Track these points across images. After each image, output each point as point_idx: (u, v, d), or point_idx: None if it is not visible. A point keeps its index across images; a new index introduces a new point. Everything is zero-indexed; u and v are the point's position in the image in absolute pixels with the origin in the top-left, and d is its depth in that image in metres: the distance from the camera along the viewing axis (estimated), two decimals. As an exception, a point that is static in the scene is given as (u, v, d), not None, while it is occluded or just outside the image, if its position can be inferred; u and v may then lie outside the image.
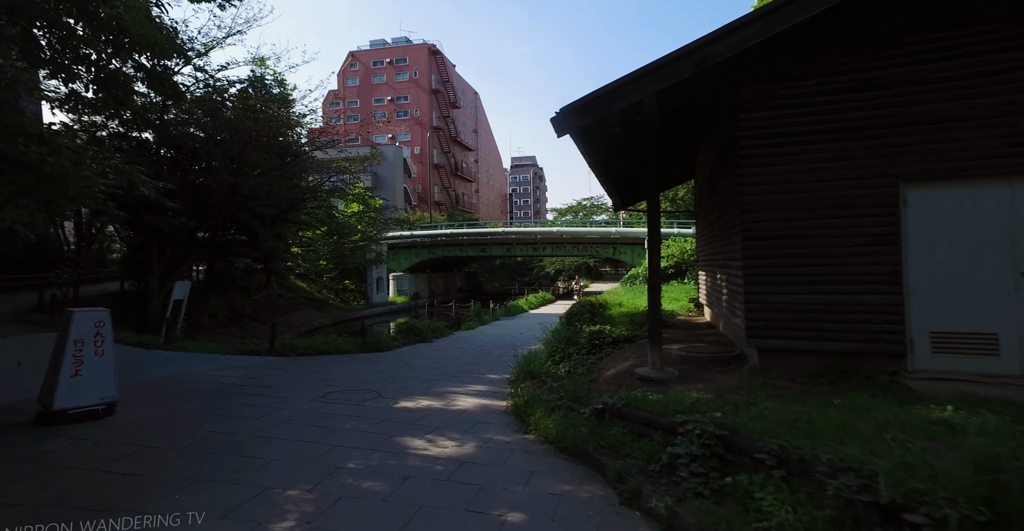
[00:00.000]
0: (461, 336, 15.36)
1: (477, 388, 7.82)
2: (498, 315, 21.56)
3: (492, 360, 10.70)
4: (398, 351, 11.83)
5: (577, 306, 11.56)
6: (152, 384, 7.32)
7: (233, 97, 16.32)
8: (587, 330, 8.96)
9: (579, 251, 33.42)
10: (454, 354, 11.47)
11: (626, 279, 28.78)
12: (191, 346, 10.49)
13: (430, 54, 66.41)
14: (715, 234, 8.69)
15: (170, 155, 15.79)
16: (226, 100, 15.79)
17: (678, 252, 25.33)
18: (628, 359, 7.37)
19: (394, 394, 7.11)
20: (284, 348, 10.56)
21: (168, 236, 14.72)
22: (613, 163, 8.75)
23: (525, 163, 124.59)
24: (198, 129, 15.93)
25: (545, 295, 30.58)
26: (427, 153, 64.79)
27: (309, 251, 29.24)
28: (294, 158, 15.81)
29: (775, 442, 3.11)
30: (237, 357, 10.02)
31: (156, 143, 15.05)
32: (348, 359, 10.34)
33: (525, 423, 5.76)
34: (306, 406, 6.28)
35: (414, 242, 34.95)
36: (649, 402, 4.84)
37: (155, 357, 9.50)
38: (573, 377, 7.09)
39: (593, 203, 60.80)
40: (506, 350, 12.18)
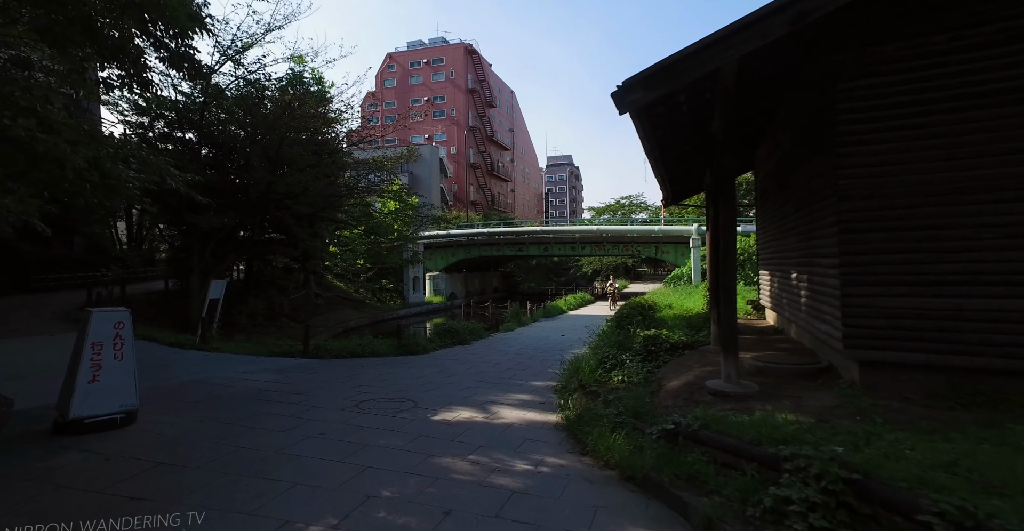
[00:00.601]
0: (500, 338, 14.74)
1: (521, 398, 7.15)
2: (537, 316, 20.85)
3: (535, 365, 10.02)
4: (435, 354, 11.29)
5: (627, 308, 10.73)
6: (180, 388, 6.96)
7: (271, 96, 16.26)
8: (641, 335, 8.16)
9: (619, 251, 32.30)
10: (494, 358, 10.84)
11: (670, 279, 27.56)
12: (226, 347, 10.24)
13: (467, 53, 66.29)
14: (787, 229, 7.74)
15: (211, 154, 15.81)
16: (264, 100, 15.69)
17: (727, 251, 24.05)
18: (691, 368, 6.55)
19: (432, 404, 6.51)
20: (318, 350, 10.18)
21: (208, 235, 14.70)
22: (673, 148, 7.91)
23: (561, 162, 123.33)
24: (238, 128, 15.91)
25: (584, 296, 29.68)
26: (463, 153, 64.68)
27: (347, 250, 29.29)
28: (331, 155, 15.56)
29: (948, 500, 2.28)
30: (270, 359, 9.67)
31: (198, 142, 15.06)
32: (383, 362, 9.85)
33: (580, 442, 5.06)
34: (337, 417, 5.75)
35: (450, 242, 34.63)
36: (733, 424, 4.05)
37: (188, 358, 9.25)
38: (631, 389, 6.33)
39: (632, 202, 59.28)
40: (549, 354, 11.49)
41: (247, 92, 15.00)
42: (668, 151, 7.67)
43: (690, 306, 13.28)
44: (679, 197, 12.17)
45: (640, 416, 5.22)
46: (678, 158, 9.14)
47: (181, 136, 16.42)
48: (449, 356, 11.08)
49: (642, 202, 59.92)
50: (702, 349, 7.66)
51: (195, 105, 15.11)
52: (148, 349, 9.71)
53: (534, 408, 6.54)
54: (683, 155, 9.04)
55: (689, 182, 11.60)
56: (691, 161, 9.59)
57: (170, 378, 7.56)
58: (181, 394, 6.61)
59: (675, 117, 6.43)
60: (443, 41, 68.53)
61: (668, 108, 5.81)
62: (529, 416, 6.14)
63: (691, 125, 7.22)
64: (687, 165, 9.94)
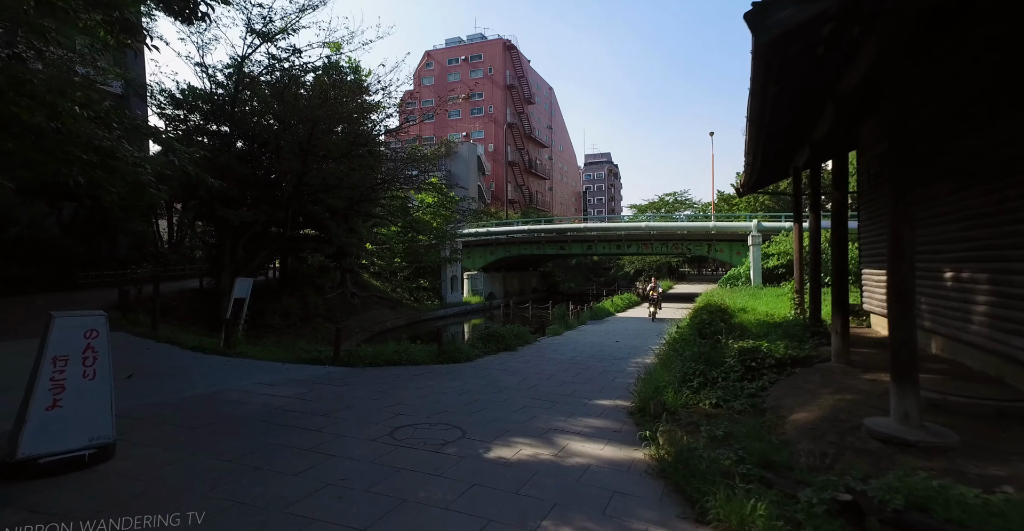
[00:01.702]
0: (548, 344, 13.39)
1: (591, 423, 5.78)
2: (583, 319, 19.37)
3: (595, 377, 8.63)
4: (480, 363, 10.05)
5: (706, 313, 9.18)
6: (185, 405, 5.92)
7: (306, 84, 15.45)
8: (735, 346, 6.65)
9: (668, 249, 30.38)
10: (546, 368, 9.50)
11: (726, 279, 25.53)
12: (251, 351, 9.28)
13: (505, 49, 65.22)
14: (937, 216, 6.05)
15: (245, 148, 15.10)
16: (299, 87, 14.85)
17: (791, 249, 21.80)
18: (818, 394, 5.02)
19: (483, 432, 5.23)
20: (350, 356, 9.09)
21: (239, 231, 13.97)
22: (779, 116, 6.36)
23: (599, 160, 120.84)
24: (273, 119, 15.17)
25: (630, 297, 27.98)
26: (501, 150, 63.64)
27: (384, 249, 28.58)
28: (366, 146, 14.59)
29: None
30: (297, 366, 8.64)
31: (232, 135, 14.36)
32: (422, 372, 8.66)
33: (689, 501, 3.66)
34: (366, 451, 4.53)
35: (489, 240, 33.48)
36: (974, 510, 2.57)
37: (208, 365, 8.30)
38: (736, 419, 4.87)
39: (677, 199, 56.77)
40: (608, 364, 10.08)
41: (280, 79, 14.18)
42: (777, 115, 6.13)
43: (769, 310, 11.56)
44: (762, 182, 10.51)
45: (772, 466, 3.78)
46: (771, 135, 7.56)
47: (216, 129, 15.83)
48: (495, 365, 9.81)
49: (687, 199, 57.35)
50: (818, 366, 6.09)
51: (229, 95, 14.42)
52: (166, 354, 8.85)
53: (611, 439, 5.16)
54: (779, 131, 7.46)
55: (773, 166, 9.94)
56: (784, 139, 7.99)
57: (179, 391, 6.55)
58: (184, 414, 5.54)
59: (803, 68, 4.92)
60: (481, 37, 67.67)
61: (804, 47, 4.32)
62: (608, 452, 4.77)
63: (809, 85, 5.67)
64: (778, 144, 8.33)
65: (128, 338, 9.71)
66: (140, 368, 7.66)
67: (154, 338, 9.71)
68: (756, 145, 6.94)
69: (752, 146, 6.81)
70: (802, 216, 10.14)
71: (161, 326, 10.80)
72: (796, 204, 9.84)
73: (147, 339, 9.67)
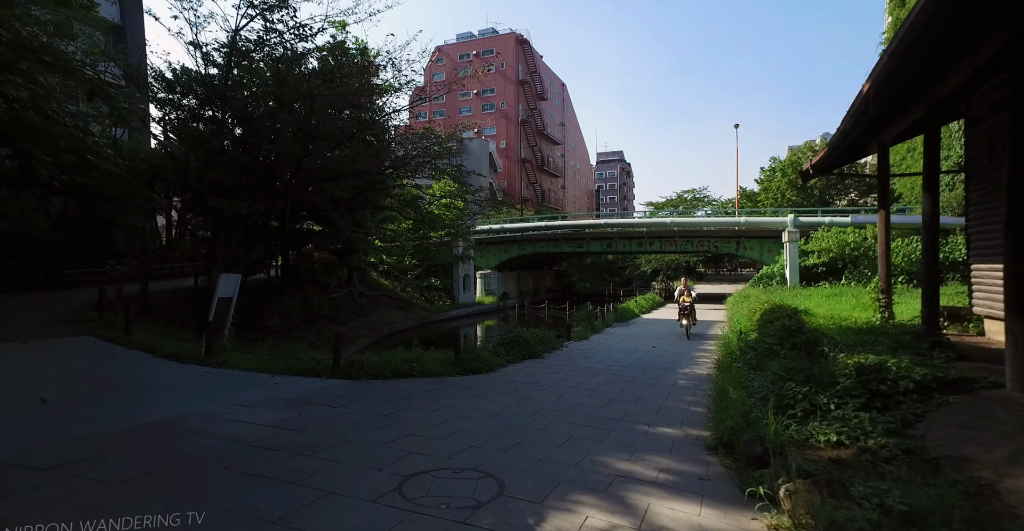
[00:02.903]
0: (577, 350, 11.90)
1: (664, 465, 4.32)
2: (609, 321, 17.84)
3: (644, 393, 7.15)
4: (504, 373, 8.60)
5: (786, 317, 7.60)
6: (129, 439, 4.51)
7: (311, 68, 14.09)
8: (848, 361, 5.11)
9: (692, 247, 28.69)
10: (584, 381, 8.02)
11: (758, 279, 23.83)
12: (236, 360, 7.89)
13: (517, 43, 63.75)
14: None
15: (241, 133, 13.75)
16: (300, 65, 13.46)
17: (835, 246, 20.11)
18: (1013, 436, 3.48)
19: (526, 484, 3.76)
20: (352, 367, 7.66)
21: (234, 223, 12.63)
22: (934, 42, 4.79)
23: (612, 158, 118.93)
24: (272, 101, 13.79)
25: (654, 297, 26.35)
26: (514, 147, 62.19)
27: (394, 246, 27.23)
28: (372, 129, 13.16)
29: None
30: (288, 379, 7.23)
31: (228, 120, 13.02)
32: (437, 387, 7.23)
33: None
34: (363, 521, 3.08)
35: (503, 238, 31.99)
36: None
37: (180, 378, 6.92)
38: (920, 491, 3.32)
39: (695, 196, 54.91)
40: (652, 375, 8.59)
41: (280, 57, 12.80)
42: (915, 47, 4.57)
43: (841, 313, 9.97)
44: (845, 159, 8.89)
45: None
46: (900, 83, 5.97)
47: (212, 115, 14.49)
48: (523, 376, 8.35)
49: (706, 196, 55.45)
50: (987, 394, 4.52)
51: (222, 73, 13.06)
52: (134, 364, 7.49)
53: (704, 495, 3.70)
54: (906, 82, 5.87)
55: (858, 141, 8.31)
56: (902, 96, 6.38)
57: (132, 416, 5.15)
58: (122, 454, 4.13)
59: None
60: (493, 32, 66.29)
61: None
62: (710, 521, 3.31)
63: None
64: (890, 104, 6.72)
65: (94, 344, 8.36)
66: (95, 383, 6.30)
67: (125, 344, 8.35)
68: (863, 106, 5.38)
69: (879, 86, 5.22)
70: (889, 200, 8.54)
71: (141, 329, 9.48)
72: (882, 185, 8.25)
73: (117, 345, 8.31)
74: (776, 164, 38.31)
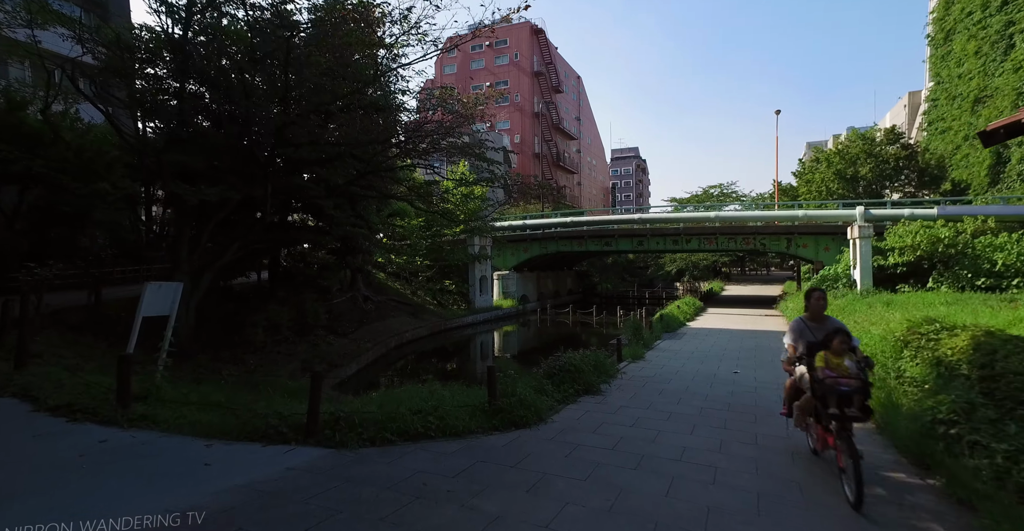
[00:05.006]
0: (637, 376, 9.19)
1: None
2: (657, 332, 15.05)
3: (793, 472, 4.41)
4: (558, 423, 5.91)
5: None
6: None
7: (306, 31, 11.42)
8: None
9: (737, 244, 25.66)
10: (680, 440, 5.29)
11: (819, 281, 20.78)
12: (163, 413, 5.16)
13: (532, 33, 60.85)
14: None
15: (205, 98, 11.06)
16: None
17: (925, 242, 17.03)
18: None
19: None
20: (337, 425, 4.97)
21: (203, 215, 10.04)
22: None
23: (627, 155, 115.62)
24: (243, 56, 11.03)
25: (694, 301, 23.39)
26: (528, 141, 59.40)
27: (404, 245, 24.61)
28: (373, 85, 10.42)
29: None
30: (235, 449, 4.59)
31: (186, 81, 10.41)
32: (467, 463, 4.55)
33: None
34: None
35: (523, 235, 29.22)
36: None
37: (49, 454, 4.27)
38: None
39: (723, 191, 51.68)
40: (770, 426, 5.86)
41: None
42: None
43: (993, 324, 7.07)
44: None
45: None
46: None
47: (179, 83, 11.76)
48: (588, 431, 5.66)
49: (734, 192, 52.21)
50: None
51: (183, 23, 10.37)
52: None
53: None
54: None
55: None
56: None
57: None
58: None
59: None
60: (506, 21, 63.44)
61: None
62: None
63: None
64: None
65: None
66: None
67: (1, 388, 5.68)
68: None
69: None
70: None
71: (55, 357, 6.87)
72: None
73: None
74: (820, 154, 35.11)
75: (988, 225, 17.29)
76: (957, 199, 23.90)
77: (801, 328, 4.77)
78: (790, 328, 4.89)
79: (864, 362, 4.22)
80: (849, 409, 3.91)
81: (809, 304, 4.86)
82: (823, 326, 4.69)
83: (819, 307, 4.78)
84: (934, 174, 30.97)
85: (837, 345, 4.27)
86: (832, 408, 3.95)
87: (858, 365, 4.16)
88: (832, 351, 4.28)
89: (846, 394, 3.91)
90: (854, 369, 4.13)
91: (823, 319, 4.81)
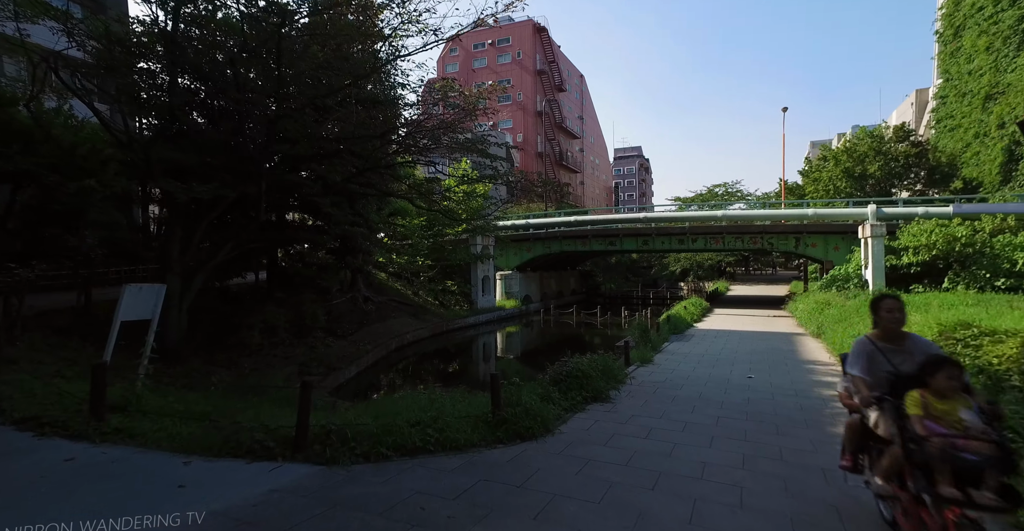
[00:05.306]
0: (647, 381, 8.79)
1: None
2: (664, 334, 14.65)
3: (827, 493, 4.01)
4: (566, 435, 5.53)
5: None
6: None
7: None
8: None
9: (744, 243, 25.23)
10: (699, 454, 4.90)
11: (829, 281, 20.28)
12: (140, 425, 4.80)
13: (535, 31, 60.46)
14: None
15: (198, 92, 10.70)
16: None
17: (941, 241, 16.55)
18: None
19: None
20: (328, 439, 4.59)
21: (194, 214, 9.68)
22: None
23: (630, 154, 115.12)
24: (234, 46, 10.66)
25: (700, 302, 22.97)
26: (531, 140, 58.99)
27: (405, 244, 24.22)
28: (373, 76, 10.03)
29: None
30: (216, 466, 4.21)
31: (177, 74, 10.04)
32: (470, 482, 4.16)
33: None
34: None
35: (526, 235, 28.81)
36: None
37: (11, 475, 3.90)
38: None
39: (728, 190, 51.16)
40: (792, 438, 5.47)
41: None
42: None
43: None
44: None
45: None
46: None
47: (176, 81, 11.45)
48: (598, 443, 5.26)
49: (739, 191, 51.68)
50: None
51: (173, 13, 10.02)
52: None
53: None
54: None
55: None
56: None
57: None
58: None
59: None
60: (509, 19, 63.01)
61: None
62: None
63: None
64: None
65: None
66: None
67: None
68: None
69: None
70: None
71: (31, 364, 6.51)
72: None
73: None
74: (828, 152, 34.62)
75: (1008, 224, 16.83)
76: (970, 197, 23.41)
77: (870, 352, 3.29)
78: (854, 352, 3.36)
79: (991, 410, 2.72)
80: (979, 492, 2.41)
81: (879, 317, 3.36)
82: (904, 349, 3.26)
83: (895, 321, 3.29)
84: (944, 172, 30.46)
85: (944, 382, 2.78)
86: (947, 488, 2.47)
87: (981, 415, 2.69)
88: (933, 391, 2.82)
89: (972, 467, 2.47)
90: (976, 423, 2.65)
91: (902, 338, 3.31)
